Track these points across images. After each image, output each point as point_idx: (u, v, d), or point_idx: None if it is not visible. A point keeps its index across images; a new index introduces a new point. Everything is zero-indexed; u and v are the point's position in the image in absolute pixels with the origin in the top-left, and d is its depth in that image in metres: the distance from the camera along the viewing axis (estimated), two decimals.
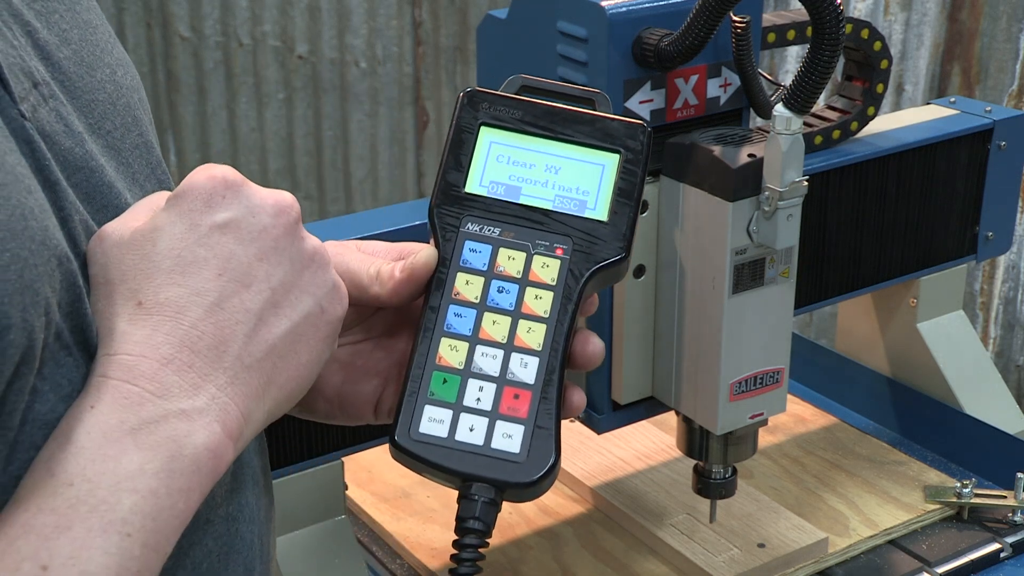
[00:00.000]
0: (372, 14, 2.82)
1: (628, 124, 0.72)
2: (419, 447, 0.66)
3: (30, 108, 0.59)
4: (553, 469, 0.66)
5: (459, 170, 0.72)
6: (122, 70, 0.70)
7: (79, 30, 0.67)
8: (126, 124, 0.68)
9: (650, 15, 0.95)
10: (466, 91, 0.73)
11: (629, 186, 0.71)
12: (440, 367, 0.68)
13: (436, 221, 0.71)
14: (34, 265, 0.54)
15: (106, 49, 0.70)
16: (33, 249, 0.54)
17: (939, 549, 1.18)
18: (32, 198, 0.55)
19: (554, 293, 0.69)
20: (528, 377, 0.68)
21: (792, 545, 1.15)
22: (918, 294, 1.38)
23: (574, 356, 0.70)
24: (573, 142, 0.72)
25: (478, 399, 0.67)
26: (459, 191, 0.71)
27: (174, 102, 2.94)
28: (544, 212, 0.71)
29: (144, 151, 0.70)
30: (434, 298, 0.70)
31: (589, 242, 0.70)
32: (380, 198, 2.97)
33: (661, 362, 1.04)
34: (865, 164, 1.25)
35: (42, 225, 0.55)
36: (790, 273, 0.98)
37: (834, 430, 1.39)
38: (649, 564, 1.17)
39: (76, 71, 0.65)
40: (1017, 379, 2.41)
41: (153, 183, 0.70)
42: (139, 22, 2.90)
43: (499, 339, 0.68)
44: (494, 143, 0.72)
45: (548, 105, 0.73)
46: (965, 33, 2.32)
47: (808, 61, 0.88)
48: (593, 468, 1.29)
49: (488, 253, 0.70)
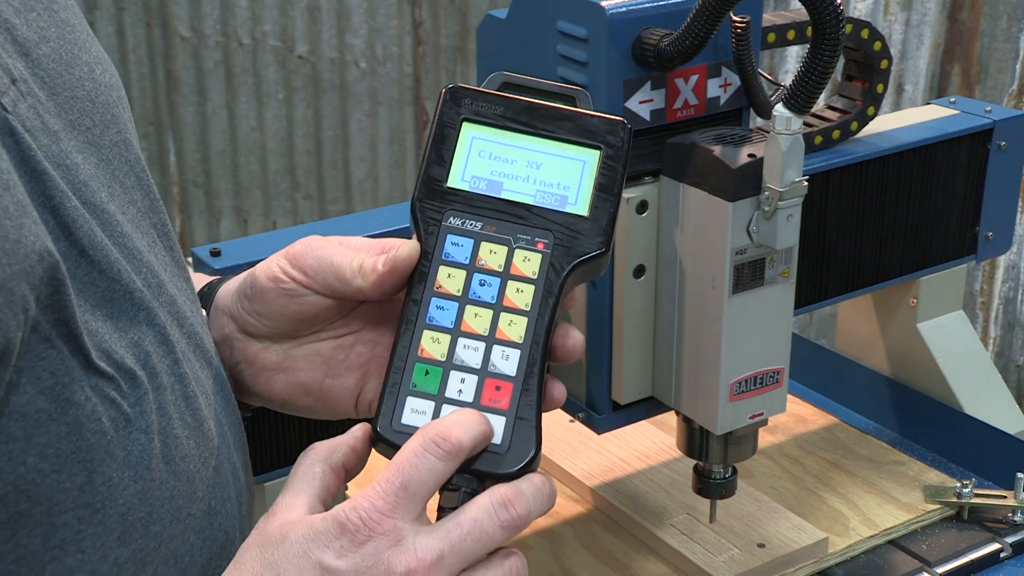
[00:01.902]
0: (372, 14, 2.82)
1: (608, 121, 0.73)
2: (401, 438, 0.67)
3: (11, 102, 0.59)
4: (534, 460, 0.67)
5: (441, 165, 0.73)
6: (100, 68, 0.71)
7: (57, 28, 0.67)
8: (105, 121, 0.68)
9: (650, 15, 0.95)
10: (448, 87, 0.74)
11: (609, 182, 0.72)
12: (422, 359, 0.69)
13: (418, 215, 0.72)
14: (7, 264, 0.54)
15: (84, 47, 0.70)
16: (7, 248, 0.54)
17: (939, 549, 1.18)
18: (8, 195, 0.55)
19: (535, 287, 0.70)
20: (510, 369, 0.69)
21: (792, 545, 1.15)
22: (918, 294, 1.38)
23: (555, 349, 0.71)
24: (554, 138, 0.73)
25: (460, 391, 0.68)
26: (441, 185, 0.72)
27: (174, 102, 2.94)
28: (526, 207, 0.72)
29: (123, 148, 0.70)
30: (416, 291, 0.70)
31: (570, 236, 0.71)
32: (380, 198, 2.97)
33: (661, 362, 1.04)
34: (865, 164, 1.25)
35: (16, 223, 0.55)
36: (790, 273, 0.98)
37: (834, 430, 1.39)
38: (649, 564, 1.17)
39: (55, 68, 0.65)
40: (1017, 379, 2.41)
41: (132, 180, 0.70)
42: (139, 22, 2.90)
43: (481, 332, 0.69)
44: (476, 138, 0.73)
45: (529, 102, 0.74)
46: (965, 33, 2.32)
47: (808, 61, 0.88)
48: (593, 468, 1.29)
49: (470, 247, 0.71)
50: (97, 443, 0.60)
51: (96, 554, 0.61)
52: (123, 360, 0.63)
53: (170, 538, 0.64)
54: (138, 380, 0.63)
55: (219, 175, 3.00)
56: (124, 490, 0.62)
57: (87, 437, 0.59)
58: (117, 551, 0.62)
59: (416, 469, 0.63)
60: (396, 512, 0.62)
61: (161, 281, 0.69)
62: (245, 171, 2.98)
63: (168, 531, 0.64)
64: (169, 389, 0.66)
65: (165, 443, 0.65)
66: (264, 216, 3.03)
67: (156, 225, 0.72)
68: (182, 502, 0.66)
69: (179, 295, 0.71)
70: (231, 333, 0.79)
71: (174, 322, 0.69)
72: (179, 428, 0.66)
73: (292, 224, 3.00)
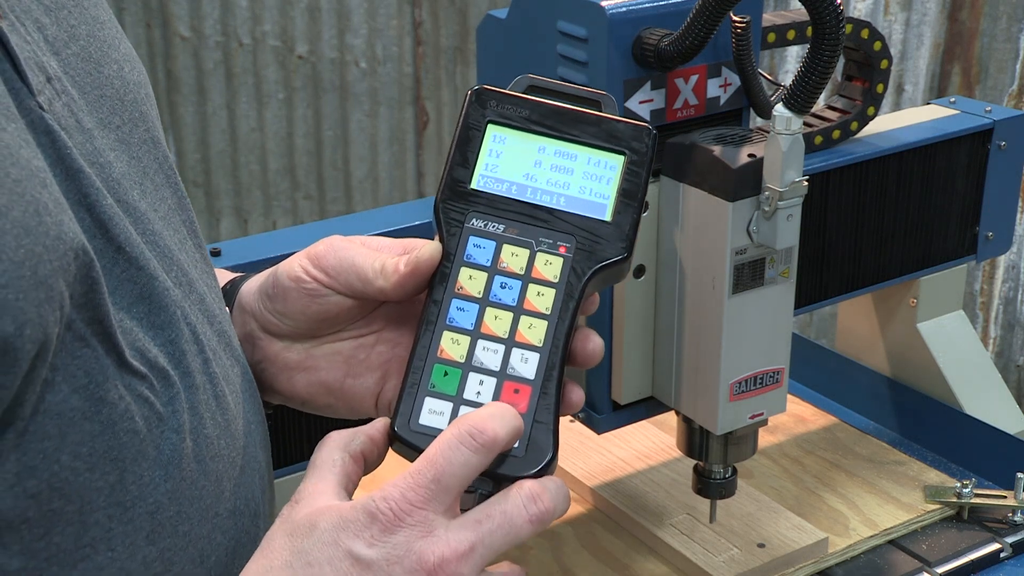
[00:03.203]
0: (372, 14, 2.82)
1: (634, 127, 0.73)
2: (419, 438, 0.67)
3: (47, 101, 0.60)
4: (551, 464, 0.67)
5: (465, 166, 0.72)
6: (129, 66, 0.71)
7: (87, 26, 0.67)
8: (134, 119, 0.69)
9: (650, 15, 0.95)
10: (474, 89, 0.74)
11: (633, 187, 0.72)
12: (441, 360, 0.69)
13: (441, 216, 0.72)
14: (48, 260, 0.54)
15: (113, 45, 0.70)
16: (48, 244, 0.54)
17: (939, 549, 1.18)
18: (47, 192, 0.56)
19: (556, 290, 0.70)
20: (528, 372, 0.68)
21: (792, 545, 1.15)
22: (918, 294, 1.38)
23: (574, 353, 0.71)
24: (579, 142, 0.73)
25: (478, 392, 0.68)
26: (465, 187, 0.72)
27: (174, 102, 2.94)
28: (548, 210, 0.72)
29: (152, 146, 0.70)
30: (437, 292, 0.70)
31: (592, 241, 0.71)
32: (380, 198, 2.97)
33: (661, 362, 1.04)
34: (865, 164, 1.25)
35: (56, 220, 0.56)
36: (790, 273, 0.98)
37: (834, 430, 1.39)
38: (649, 564, 1.17)
39: (84, 67, 0.66)
40: (1017, 379, 2.41)
41: (161, 178, 0.70)
42: (139, 22, 2.90)
43: (500, 334, 0.69)
44: (501, 141, 0.73)
45: (555, 105, 0.74)
46: (965, 33, 2.32)
47: (808, 61, 0.88)
48: (593, 468, 1.29)
49: (492, 249, 0.71)
50: (129, 442, 0.60)
51: (125, 552, 0.61)
52: (156, 359, 0.63)
53: (198, 537, 0.64)
54: (171, 379, 0.64)
55: (219, 175, 3.00)
56: (155, 489, 0.62)
57: (120, 436, 0.60)
58: (146, 550, 0.62)
59: (449, 463, 0.63)
60: (428, 504, 0.62)
61: (191, 279, 0.69)
62: (245, 171, 2.98)
63: (196, 530, 0.64)
64: (201, 388, 0.66)
65: (196, 442, 0.65)
66: (264, 216, 3.03)
67: (185, 223, 0.73)
68: (210, 501, 0.66)
69: (208, 293, 0.72)
70: (253, 331, 0.79)
71: (204, 320, 0.69)
72: (210, 427, 0.67)
73: (292, 224, 3.00)
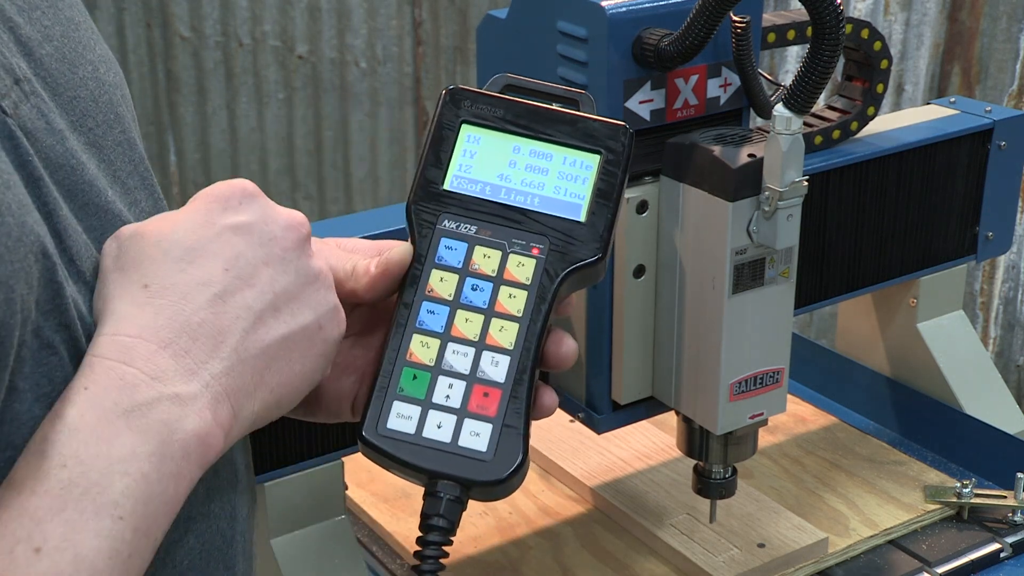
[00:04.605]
0: (372, 14, 2.82)
1: (610, 125, 0.72)
2: (386, 442, 0.66)
3: (11, 104, 0.59)
4: (520, 468, 0.66)
5: (438, 167, 0.72)
6: (104, 67, 0.70)
7: (61, 27, 0.67)
8: (108, 121, 0.68)
9: (650, 15, 0.95)
10: (448, 88, 0.73)
11: (608, 187, 0.71)
12: (411, 363, 0.68)
13: (413, 217, 0.71)
14: (9, 261, 0.54)
15: (88, 46, 0.69)
16: (9, 245, 0.54)
17: (939, 549, 1.18)
18: (10, 193, 0.55)
19: (528, 292, 0.69)
20: (498, 376, 0.68)
21: (792, 545, 1.15)
22: (918, 294, 1.38)
23: (547, 356, 0.70)
24: (554, 142, 0.72)
25: (447, 396, 0.67)
26: (437, 188, 0.71)
27: (174, 102, 2.94)
28: (521, 211, 0.71)
29: (127, 148, 0.70)
30: (408, 294, 0.70)
31: (566, 242, 0.70)
32: (380, 198, 2.97)
33: (661, 362, 1.04)
34: (865, 164, 1.25)
35: (19, 220, 0.55)
36: (790, 273, 0.98)
37: (834, 430, 1.39)
38: (649, 564, 1.17)
39: (58, 68, 0.65)
40: (1017, 379, 2.41)
41: (136, 180, 0.70)
42: (139, 22, 2.90)
43: (471, 337, 0.68)
44: (474, 141, 0.72)
45: (530, 104, 0.73)
46: (965, 33, 2.32)
47: (808, 61, 0.88)
48: (593, 468, 1.29)
49: (463, 251, 0.70)
50: None
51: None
52: None
53: (172, 543, 0.64)
54: None
55: (219, 175, 2.99)
56: None
57: None
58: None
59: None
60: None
61: None
62: (245, 171, 2.98)
63: (170, 537, 0.64)
64: None
65: None
66: None
67: None
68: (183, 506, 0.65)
69: None
70: None
71: None
72: None
73: None
